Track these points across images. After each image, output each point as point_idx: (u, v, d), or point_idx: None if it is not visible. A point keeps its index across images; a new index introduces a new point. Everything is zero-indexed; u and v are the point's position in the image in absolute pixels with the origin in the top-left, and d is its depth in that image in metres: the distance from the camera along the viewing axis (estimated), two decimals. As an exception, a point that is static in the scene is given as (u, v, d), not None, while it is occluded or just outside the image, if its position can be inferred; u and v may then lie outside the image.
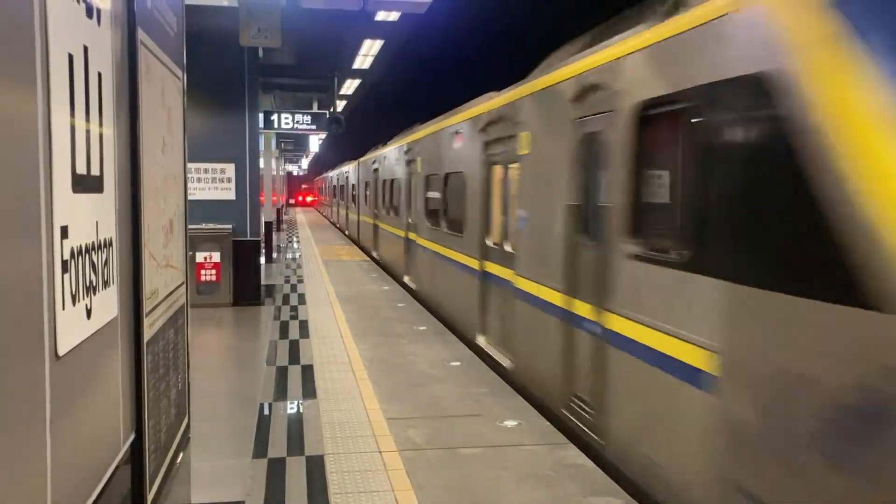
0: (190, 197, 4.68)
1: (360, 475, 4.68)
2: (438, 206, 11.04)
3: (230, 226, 11.03)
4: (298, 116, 14.51)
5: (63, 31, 1.68)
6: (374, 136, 25.71)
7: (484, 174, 8.45)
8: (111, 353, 2.16)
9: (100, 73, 2.01)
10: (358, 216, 23.71)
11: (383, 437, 5.37)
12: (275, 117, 14.37)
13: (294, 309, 10.93)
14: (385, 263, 16.80)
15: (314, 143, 28.22)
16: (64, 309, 1.67)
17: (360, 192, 22.81)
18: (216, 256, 10.93)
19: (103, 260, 2.03)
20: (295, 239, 26.32)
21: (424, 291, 12.07)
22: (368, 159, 21.15)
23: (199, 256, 10.85)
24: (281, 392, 6.57)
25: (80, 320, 1.81)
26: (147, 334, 2.56)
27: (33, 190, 1.50)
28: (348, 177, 28.19)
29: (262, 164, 13.01)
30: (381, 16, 10.11)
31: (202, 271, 10.94)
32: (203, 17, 9.19)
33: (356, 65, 14.20)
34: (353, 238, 25.82)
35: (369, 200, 20.15)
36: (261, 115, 13.16)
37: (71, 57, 1.74)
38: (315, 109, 17.21)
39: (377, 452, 5.07)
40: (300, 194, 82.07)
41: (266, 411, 6.05)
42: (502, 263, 7.70)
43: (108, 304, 2.07)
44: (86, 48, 1.87)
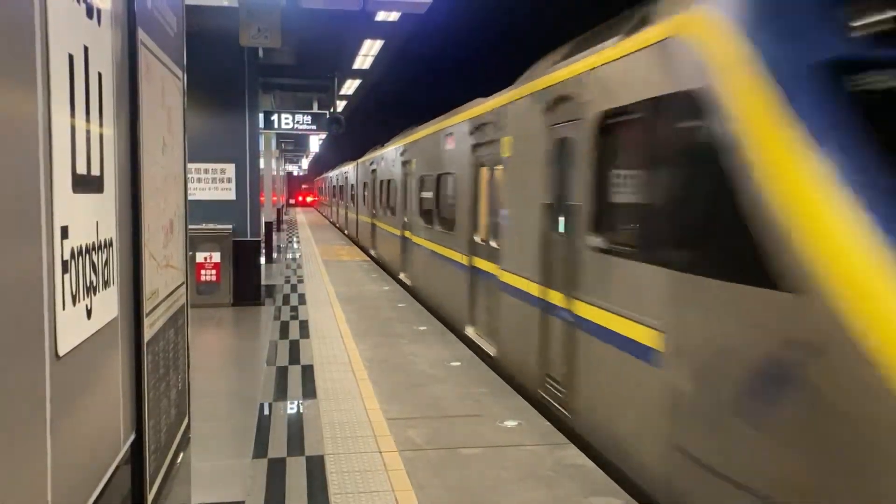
0: (190, 197, 4.68)
1: (361, 475, 4.69)
2: (431, 205, 11.46)
3: (230, 226, 11.03)
4: (298, 116, 14.51)
5: (63, 31, 1.68)
6: (374, 136, 25.73)
7: (472, 175, 8.92)
8: (111, 353, 2.16)
9: (100, 74, 2.01)
10: (357, 216, 24.22)
11: (383, 438, 5.37)
12: (275, 117, 14.36)
13: (294, 309, 10.93)
14: (382, 261, 17.24)
15: (314, 143, 28.23)
16: (64, 309, 1.67)
17: (359, 192, 23.35)
18: (216, 256, 10.93)
19: (103, 260, 2.03)
20: (295, 239, 26.32)
21: (419, 287, 12.48)
22: (367, 160, 21.61)
23: (200, 257, 10.85)
24: (281, 392, 6.57)
25: (81, 320, 1.81)
26: (147, 334, 2.56)
27: (33, 190, 1.50)
28: (347, 177, 28.60)
29: (262, 165, 13.01)
30: (381, 16, 10.11)
31: (202, 271, 10.94)
32: (203, 18, 9.19)
33: (356, 65, 14.20)
34: (352, 237, 26.28)
35: (367, 200, 20.63)
36: (261, 116, 13.16)
37: (71, 57, 1.74)
38: (315, 109, 17.21)
39: (377, 452, 5.07)
40: (300, 194, 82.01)
41: (266, 411, 6.05)
42: (489, 259, 8.17)
43: (108, 305, 2.08)
44: (86, 48, 1.87)
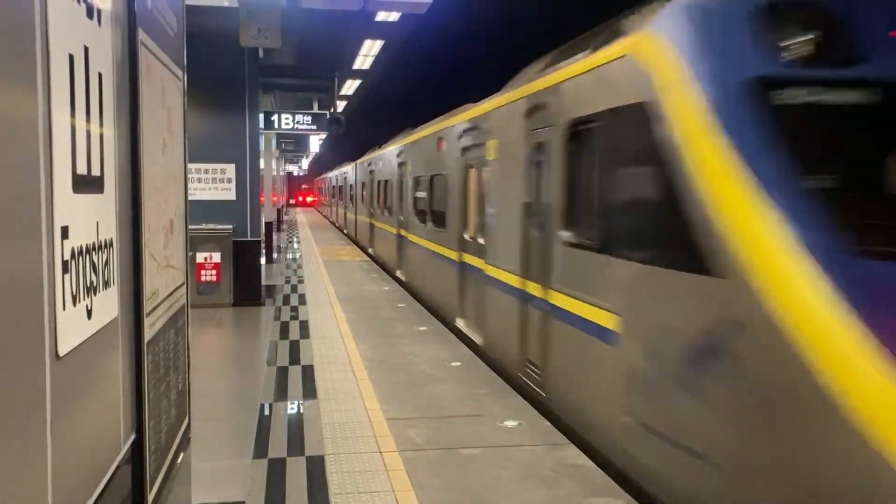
0: (190, 197, 4.68)
1: (361, 475, 4.69)
2: (425, 205, 11.94)
3: (230, 226, 11.03)
4: (299, 117, 14.52)
5: (64, 31, 1.68)
6: (374, 136, 25.74)
7: (462, 176, 9.46)
8: (112, 353, 2.16)
9: (100, 74, 2.01)
10: (355, 215, 24.68)
11: (384, 438, 5.37)
12: (275, 117, 14.37)
13: (294, 309, 10.93)
14: (380, 259, 17.74)
15: (314, 143, 28.24)
16: (64, 309, 1.67)
17: (358, 192, 23.82)
18: (216, 257, 10.93)
19: (104, 260, 2.03)
20: (295, 239, 26.32)
21: (414, 283, 13.03)
22: (365, 161, 22.07)
23: (200, 257, 10.85)
24: (281, 392, 6.57)
25: (81, 321, 1.81)
26: (147, 335, 2.56)
27: (34, 190, 1.50)
28: (346, 177, 28.97)
29: (262, 165, 13.01)
30: (381, 16, 10.11)
31: (203, 272, 10.94)
32: (203, 18, 9.19)
33: (356, 65, 14.20)
34: (351, 236, 26.66)
35: (366, 200, 21.11)
36: (261, 116, 13.16)
37: (71, 57, 1.74)
38: (315, 110, 17.22)
39: (377, 453, 5.07)
40: (300, 194, 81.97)
41: (266, 412, 6.05)
42: (477, 254, 8.73)
43: (108, 305, 2.08)
44: (86, 48, 1.87)
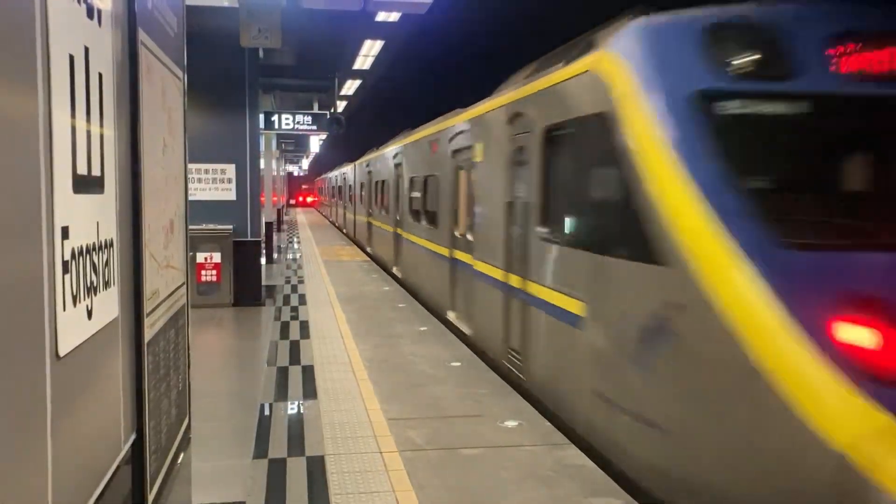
0: (191, 197, 4.68)
1: (361, 476, 4.69)
2: (419, 204, 12.43)
3: (231, 226, 11.03)
4: (299, 117, 14.51)
5: (64, 31, 1.68)
6: (374, 136, 25.76)
7: (453, 177, 9.99)
8: (112, 353, 2.16)
9: (100, 74, 2.01)
10: (354, 215, 25.08)
11: (384, 438, 5.37)
12: (275, 118, 14.35)
13: (295, 309, 10.93)
14: (378, 257, 18.22)
15: (315, 143, 28.23)
16: (65, 310, 1.67)
17: (357, 192, 24.23)
18: (217, 257, 10.92)
19: (104, 260, 2.03)
20: (295, 239, 26.33)
21: (409, 279, 13.59)
22: (363, 162, 22.48)
23: (200, 257, 10.85)
24: (281, 392, 6.57)
25: (81, 321, 1.81)
26: (148, 335, 2.56)
27: (34, 190, 1.50)
28: (346, 177, 29.25)
29: (262, 165, 13.01)
30: (381, 16, 10.11)
31: (203, 272, 10.94)
32: (203, 18, 9.19)
33: (357, 65, 14.20)
34: (350, 235, 27.00)
35: (364, 200, 21.53)
36: (261, 116, 13.15)
37: (72, 58, 1.74)
38: (315, 110, 17.22)
39: (378, 453, 5.07)
40: (301, 195, 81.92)
41: (267, 412, 6.05)
42: (466, 251, 9.24)
43: (108, 305, 2.08)
44: (87, 49, 1.87)
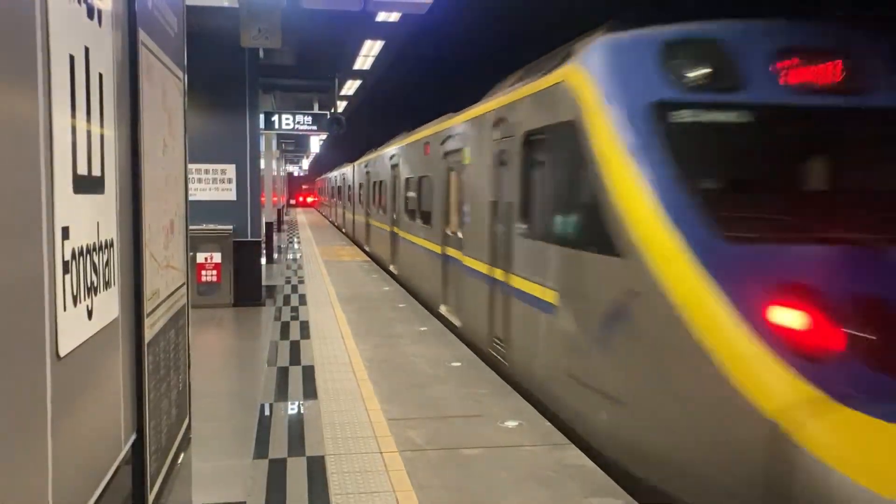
0: (191, 198, 4.68)
1: (361, 476, 4.69)
2: (414, 204, 12.97)
3: (231, 226, 11.02)
4: (299, 117, 14.50)
5: (64, 31, 1.68)
6: (374, 136, 25.77)
7: (444, 178, 10.51)
8: (112, 353, 2.16)
9: (101, 74, 2.01)
10: (353, 214, 25.45)
11: (384, 438, 5.37)
12: (275, 118, 14.35)
13: (295, 310, 10.93)
14: (376, 256, 18.75)
15: (315, 143, 28.24)
16: (65, 310, 1.67)
17: (355, 192, 24.63)
18: (217, 257, 10.92)
19: (104, 261, 2.03)
20: (296, 239, 26.33)
21: (404, 276, 14.11)
22: (361, 162, 22.86)
23: (200, 257, 10.84)
24: (282, 393, 6.57)
25: (82, 321, 1.81)
26: (148, 335, 2.56)
27: (34, 191, 1.50)
28: (345, 178, 29.50)
29: (262, 165, 13.01)
30: (381, 16, 10.10)
31: (203, 272, 10.94)
32: (204, 18, 9.19)
33: (357, 65, 14.20)
34: (349, 235, 27.28)
35: (363, 200, 21.95)
36: (261, 116, 13.15)
37: (72, 58, 1.74)
38: (316, 110, 17.22)
39: (378, 453, 5.08)
40: (301, 195, 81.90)
41: (267, 412, 6.05)
42: (456, 247, 9.71)
43: (109, 305, 2.08)
44: (87, 49, 1.87)
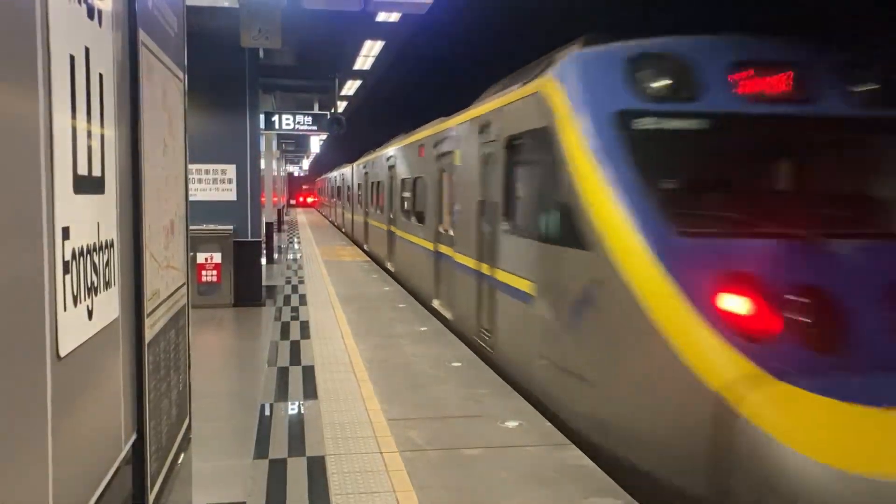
0: (191, 198, 4.68)
1: (361, 476, 4.69)
2: (410, 203, 13.52)
3: (231, 227, 11.03)
4: (299, 117, 14.50)
5: (64, 32, 1.68)
6: (374, 137, 25.77)
7: (437, 179, 11.02)
8: (112, 353, 2.16)
9: (101, 74, 2.01)
10: (352, 214, 25.83)
11: (384, 438, 5.37)
12: (276, 118, 14.35)
13: (295, 310, 10.93)
14: (374, 254, 19.30)
15: (315, 143, 28.24)
16: (65, 310, 1.67)
17: (354, 193, 25.05)
18: (217, 257, 10.92)
19: (105, 261, 2.03)
20: (296, 240, 26.33)
21: (400, 272, 14.65)
22: (360, 163, 23.28)
23: (200, 257, 10.85)
24: (282, 393, 6.57)
25: (82, 321, 1.81)
26: (148, 335, 2.56)
27: (35, 191, 1.50)
28: (345, 178, 29.71)
29: (262, 165, 13.01)
30: (381, 17, 10.10)
31: (203, 272, 10.94)
32: (204, 18, 9.19)
33: (357, 66, 14.20)
34: (348, 234, 27.60)
35: (361, 200, 22.39)
36: (262, 116, 13.15)
37: (72, 58, 1.74)
38: (316, 110, 17.22)
39: (378, 453, 5.07)
40: (301, 195, 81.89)
41: (267, 412, 6.05)
42: (448, 244, 10.23)
43: (109, 305, 2.08)
44: (87, 49, 1.87)
